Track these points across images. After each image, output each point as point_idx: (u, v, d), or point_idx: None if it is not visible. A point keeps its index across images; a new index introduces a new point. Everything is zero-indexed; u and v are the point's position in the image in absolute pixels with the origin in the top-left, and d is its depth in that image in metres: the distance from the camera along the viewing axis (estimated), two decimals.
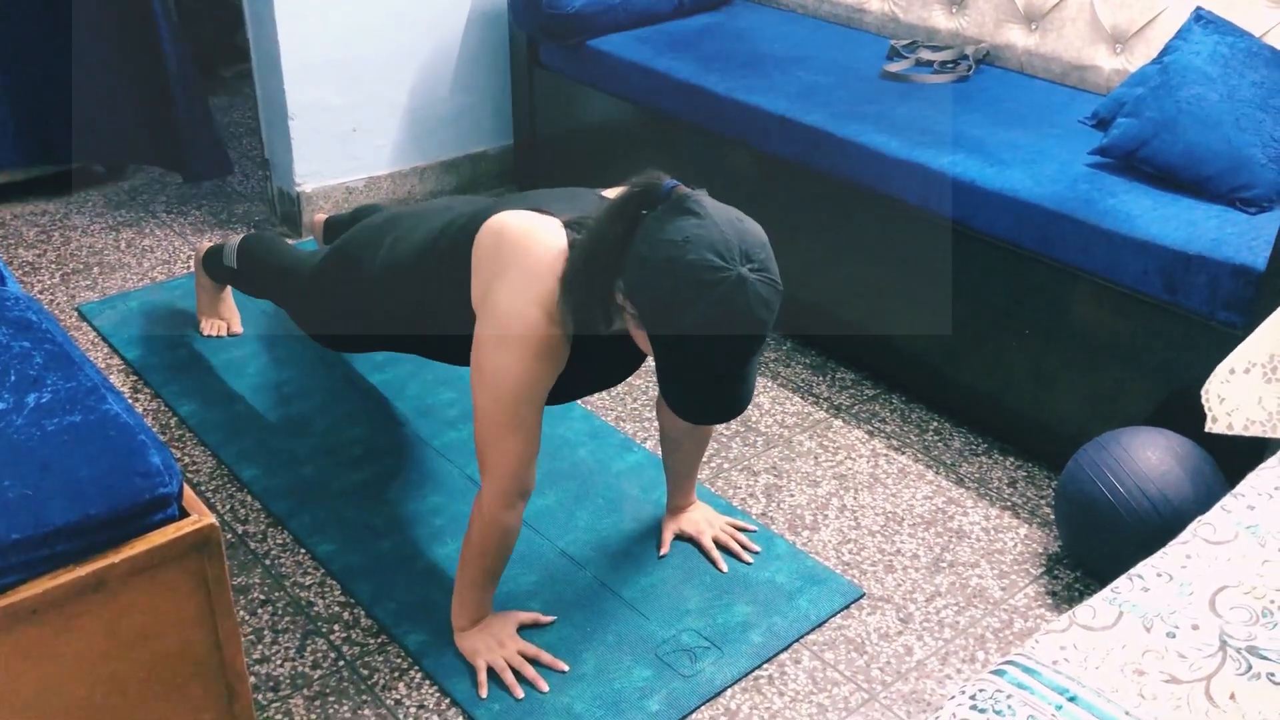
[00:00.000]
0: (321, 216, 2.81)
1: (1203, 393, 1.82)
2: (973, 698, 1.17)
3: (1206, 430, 1.83)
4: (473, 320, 1.71)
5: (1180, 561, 1.36)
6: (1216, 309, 2.00)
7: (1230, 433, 1.79)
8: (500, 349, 1.63)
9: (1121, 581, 1.33)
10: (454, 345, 1.89)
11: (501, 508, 1.73)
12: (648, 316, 1.49)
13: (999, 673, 1.21)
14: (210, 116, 3.28)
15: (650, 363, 2.64)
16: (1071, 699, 1.16)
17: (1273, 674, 1.18)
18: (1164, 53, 2.33)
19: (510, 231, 1.67)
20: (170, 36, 3.09)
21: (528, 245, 1.63)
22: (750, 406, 2.51)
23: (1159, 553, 1.39)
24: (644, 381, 2.61)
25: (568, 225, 1.64)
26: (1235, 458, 1.92)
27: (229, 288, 2.70)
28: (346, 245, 2.11)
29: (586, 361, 1.72)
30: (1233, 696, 1.16)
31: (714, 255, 1.42)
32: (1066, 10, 2.74)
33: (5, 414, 1.34)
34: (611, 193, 1.72)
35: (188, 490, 1.36)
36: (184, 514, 1.32)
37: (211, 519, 1.32)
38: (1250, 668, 1.19)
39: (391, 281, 1.92)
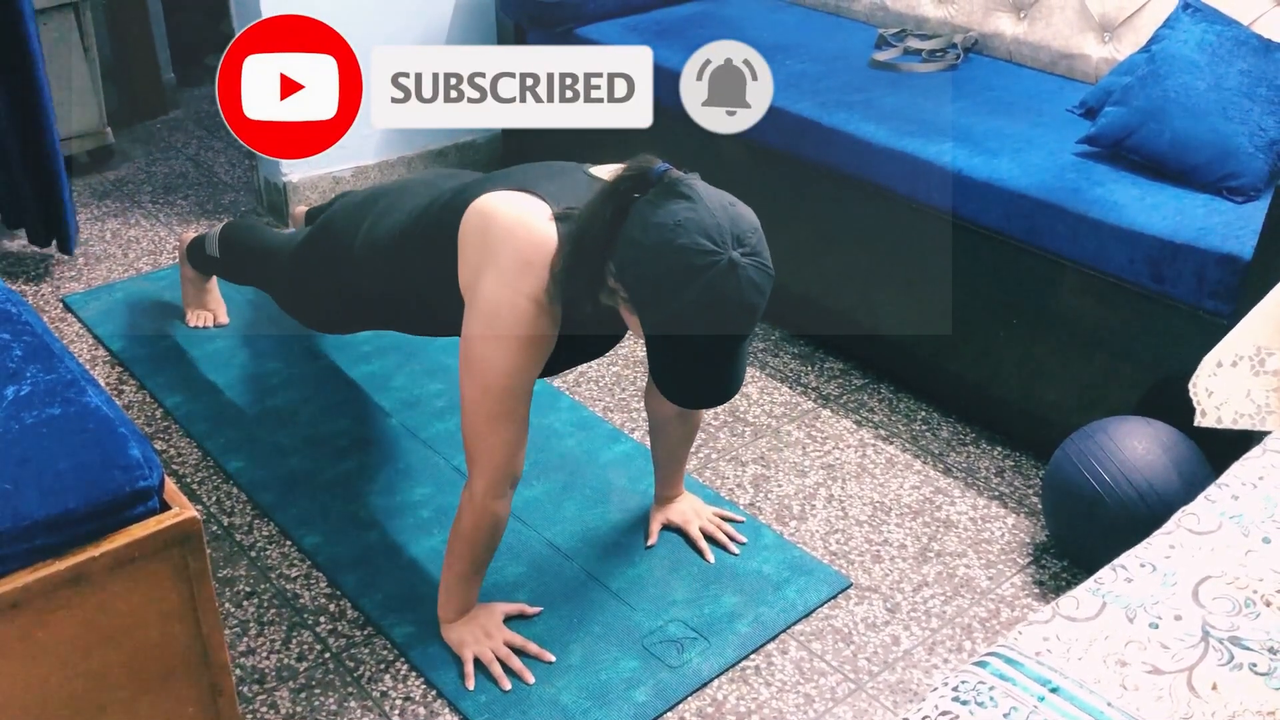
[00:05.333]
0: (302, 209, 2.80)
1: (1190, 386, 1.82)
2: (955, 689, 1.17)
3: (1196, 424, 1.82)
4: (457, 299, 1.69)
5: (1164, 552, 1.36)
6: (1203, 298, 2.00)
7: (1220, 426, 1.79)
8: (488, 342, 1.62)
9: (1105, 572, 1.33)
10: (438, 323, 1.88)
11: (493, 497, 1.73)
12: (639, 300, 1.48)
13: (981, 664, 1.21)
14: (63, 184, 2.80)
15: (638, 355, 2.64)
16: (1054, 690, 1.16)
17: (1255, 664, 1.18)
18: (1152, 41, 2.33)
19: (499, 218, 1.63)
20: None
21: (517, 234, 1.61)
22: (738, 396, 2.51)
23: (1143, 543, 1.39)
24: (632, 372, 2.60)
25: (558, 218, 1.61)
26: (1222, 447, 1.91)
27: (214, 278, 2.68)
28: (328, 223, 2.10)
29: (570, 340, 1.71)
30: (1215, 687, 1.16)
31: (705, 239, 1.42)
32: None
33: None
34: (599, 170, 1.71)
35: (169, 483, 1.35)
36: (165, 507, 1.32)
37: (193, 512, 1.31)
38: (1232, 658, 1.19)
39: (374, 260, 1.90)
